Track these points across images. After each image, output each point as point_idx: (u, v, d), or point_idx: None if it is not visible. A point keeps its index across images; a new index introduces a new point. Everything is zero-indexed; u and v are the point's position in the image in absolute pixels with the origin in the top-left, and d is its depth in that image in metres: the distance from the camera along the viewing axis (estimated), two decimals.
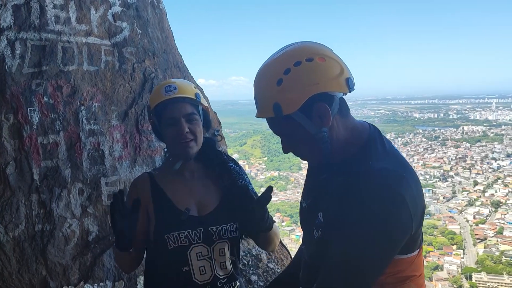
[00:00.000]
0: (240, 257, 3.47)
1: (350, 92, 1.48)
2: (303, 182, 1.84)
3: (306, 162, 1.71)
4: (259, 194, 2.00)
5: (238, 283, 2.15)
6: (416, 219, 1.42)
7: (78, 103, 3.09)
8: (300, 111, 1.43)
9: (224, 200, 2.12)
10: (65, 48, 3.08)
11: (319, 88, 1.41)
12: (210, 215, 2.07)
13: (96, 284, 3.06)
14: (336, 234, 1.43)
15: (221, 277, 2.05)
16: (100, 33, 3.25)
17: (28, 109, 2.93)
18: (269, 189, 1.93)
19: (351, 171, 1.47)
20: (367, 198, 1.37)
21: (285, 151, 1.60)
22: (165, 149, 2.38)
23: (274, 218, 1.98)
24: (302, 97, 1.40)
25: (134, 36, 3.42)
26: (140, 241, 2.10)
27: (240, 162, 2.37)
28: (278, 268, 3.66)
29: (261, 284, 3.52)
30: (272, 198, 1.96)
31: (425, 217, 1.53)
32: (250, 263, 3.58)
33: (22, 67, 2.93)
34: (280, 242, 4.03)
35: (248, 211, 2.00)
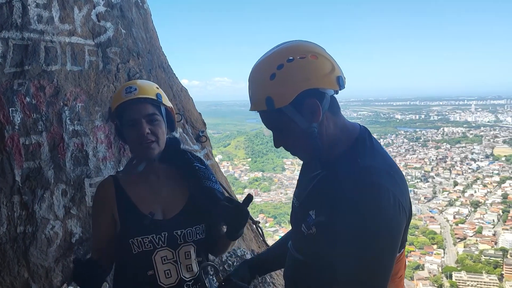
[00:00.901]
0: (225, 258, 3.48)
1: (340, 89, 1.54)
2: (287, 183, 1.88)
3: (289, 163, 1.74)
4: (241, 200, 1.99)
5: (207, 283, 2.13)
6: (407, 212, 1.45)
7: (62, 104, 3.05)
8: (291, 105, 1.48)
9: (190, 202, 2.11)
10: (48, 48, 3.04)
11: (310, 84, 1.46)
12: (175, 218, 2.05)
13: (79, 287, 3.02)
14: (337, 241, 1.45)
15: (187, 280, 2.04)
16: (84, 33, 3.22)
17: (10, 109, 2.88)
18: (249, 199, 1.94)
19: (341, 168, 1.52)
20: (358, 198, 1.40)
21: (277, 145, 1.65)
22: None
23: (257, 219, 2.00)
24: (294, 92, 1.46)
25: (118, 36, 3.40)
26: (109, 246, 2.11)
27: (224, 163, 2.37)
28: None
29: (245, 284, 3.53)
30: (256, 199, 1.98)
31: None
32: (235, 263, 3.58)
33: (3, 66, 2.88)
34: (265, 243, 4.05)
35: (214, 214, 2.03)
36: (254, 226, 4.14)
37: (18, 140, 2.90)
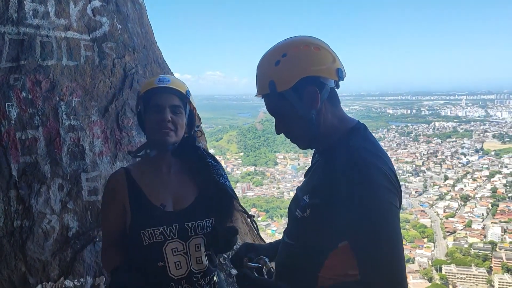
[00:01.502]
0: None
1: (339, 81, 1.65)
2: (279, 178, 1.94)
3: (282, 158, 1.81)
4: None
5: (215, 277, 2.18)
6: (397, 190, 1.50)
7: (58, 98, 3.06)
8: (292, 90, 1.59)
9: (201, 196, 2.14)
10: (44, 43, 3.04)
11: (311, 72, 1.58)
12: (186, 210, 2.08)
13: (76, 280, 3.05)
14: (337, 218, 1.48)
15: (196, 272, 2.08)
16: (80, 28, 3.22)
17: (6, 104, 2.88)
18: (234, 232, 2.06)
19: (334, 153, 1.60)
20: (349, 173, 1.46)
21: (278, 131, 1.74)
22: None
23: (250, 212, 2.05)
24: (295, 77, 1.58)
25: (114, 31, 3.40)
26: (120, 238, 2.13)
27: (216, 158, 2.41)
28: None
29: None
30: (248, 193, 2.04)
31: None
32: (230, 256, 3.63)
33: None
34: (259, 236, 4.10)
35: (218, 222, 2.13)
36: (249, 220, 4.18)
37: (14, 134, 2.91)
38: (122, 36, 3.46)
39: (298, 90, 1.59)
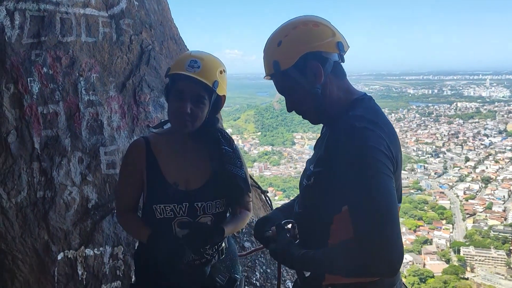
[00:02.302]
0: None
1: (340, 53, 1.69)
2: (296, 157, 1.99)
3: (299, 137, 1.85)
4: None
5: (223, 244, 2.25)
6: (392, 156, 1.51)
7: (77, 74, 3.15)
8: (295, 67, 1.66)
9: (212, 179, 2.17)
10: (63, 19, 3.11)
11: (311, 48, 1.64)
12: (197, 191, 2.13)
13: (96, 249, 3.19)
14: (335, 182, 1.54)
15: None
16: (98, 5, 3.28)
17: (28, 79, 2.98)
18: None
19: (337, 124, 1.64)
20: (345, 138, 1.52)
21: (289, 109, 1.81)
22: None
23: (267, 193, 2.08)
24: (296, 54, 1.64)
25: (131, 8, 3.46)
26: (136, 208, 2.24)
27: (234, 137, 2.39)
28: None
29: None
30: (265, 173, 2.07)
31: (415, 192, 1.61)
32: (244, 230, 3.73)
33: (21, 37, 2.97)
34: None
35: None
36: (263, 196, 4.27)
37: (36, 109, 3.01)
38: (139, 13, 3.51)
39: (301, 67, 1.65)
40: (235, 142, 2.31)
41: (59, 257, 3.07)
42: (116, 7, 3.37)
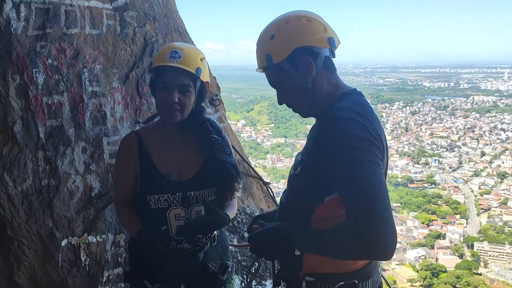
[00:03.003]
0: (235, 215, 3.66)
1: (331, 48, 1.73)
2: None
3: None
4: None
5: (215, 231, 2.30)
6: (377, 144, 1.53)
7: (81, 66, 3.22)
8: (287, 61, 1.70)
9: (204, 169, 2.22)
10: (68, 12, 3.18)
11: (303, 42, 1.68)
12: (189, 181, 2.18)
13: (98, 236, 3.28)
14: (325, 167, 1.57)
15: None
16: None
17: (33, 70, 3.06)
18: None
19: (324, 116, 1.70)
20: (332, 127, 1.57)
21: (280, 102, 1.86)
22: None
23: (279, 184, 2.09)
24: (288, 48, 1.68)
25: (135, 1, 3.50)
26: (134, 198, 2.27)
27: (247, 128, 2.42)
28: None
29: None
30: (278, 165, 2.11)
31: (429, 186, 1.61)
32: (244, 220, 3.78)
33: (27, 29, 3.05)
34: (275, 202, 4.22)
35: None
36: (265, 187, 4.31)
37: (41, 99, 3.09)
38: (143, 5, 3.55)
39: (292, 61, 1.69)
40: (248, 133, 2.32)
41: (63, 244, 3.17)
42: None
